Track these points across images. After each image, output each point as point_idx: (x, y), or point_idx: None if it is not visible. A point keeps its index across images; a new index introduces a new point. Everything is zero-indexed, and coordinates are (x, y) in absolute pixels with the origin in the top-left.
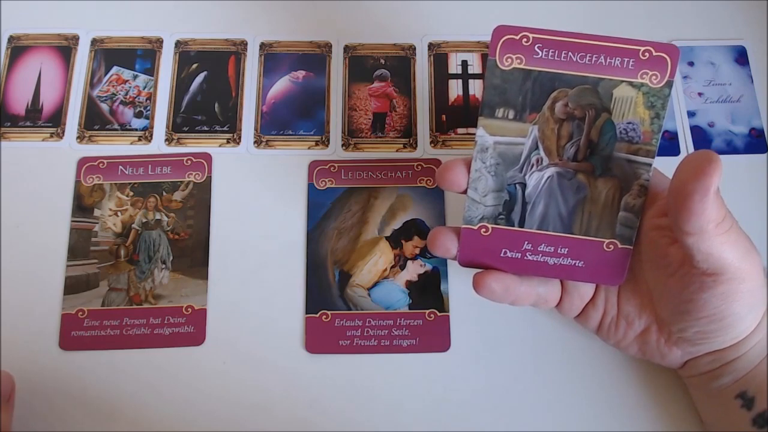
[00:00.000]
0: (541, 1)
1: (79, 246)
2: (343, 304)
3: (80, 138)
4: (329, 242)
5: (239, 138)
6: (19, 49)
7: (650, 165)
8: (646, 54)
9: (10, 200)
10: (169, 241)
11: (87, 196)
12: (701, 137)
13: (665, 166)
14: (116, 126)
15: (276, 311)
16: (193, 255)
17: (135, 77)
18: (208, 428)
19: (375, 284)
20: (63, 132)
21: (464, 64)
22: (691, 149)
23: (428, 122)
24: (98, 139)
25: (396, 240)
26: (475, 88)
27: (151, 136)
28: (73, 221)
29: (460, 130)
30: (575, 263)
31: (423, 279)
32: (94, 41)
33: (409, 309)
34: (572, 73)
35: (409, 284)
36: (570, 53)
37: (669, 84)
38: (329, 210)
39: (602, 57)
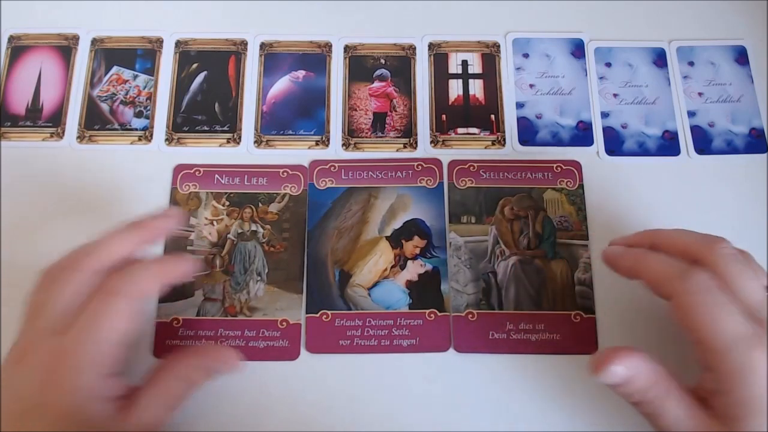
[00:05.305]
0: (540, 1)
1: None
2: (343, 303)
3: (80, 138)
4: (329, 242)
5: (239, 138)
6: (19, 49)
7: (587, 245)
8: (558, 168)
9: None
10: (264, 254)
11: (183, 203)
12: (701, 137)
13: (666, 166)
14: (116, 126)
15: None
16: (288, 268)
17: (135, 77)
18: (208, 428)
19: (375, 284)
20: (63, 132)
21: (464, 63)
22: (692, 149)
23: (428, 122)
24: (98, 139)
25: (396, 240)
26: (476, 88)
27: (151, 135)
28: None
29: (460, 130)
30: (552, 336)
31: (423, 279)
32: (94, 41)
33: (409, 309)
34: (511, 186)
35: (409, 284)
36: (506, 173)
37: (581, 186)
38: (329, 210)
39: (529, 173)
